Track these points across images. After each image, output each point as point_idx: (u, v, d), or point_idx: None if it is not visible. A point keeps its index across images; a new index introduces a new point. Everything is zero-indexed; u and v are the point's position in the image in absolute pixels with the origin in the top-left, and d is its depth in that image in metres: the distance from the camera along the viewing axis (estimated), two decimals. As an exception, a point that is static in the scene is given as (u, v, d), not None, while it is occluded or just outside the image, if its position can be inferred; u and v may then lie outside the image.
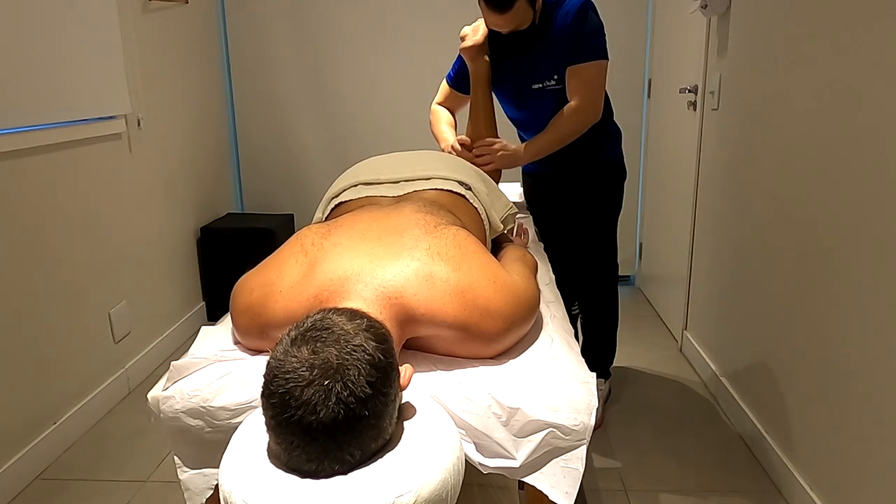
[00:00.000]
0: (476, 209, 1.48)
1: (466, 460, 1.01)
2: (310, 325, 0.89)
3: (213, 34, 3.36)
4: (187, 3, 3.02)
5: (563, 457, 1.03)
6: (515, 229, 1.80)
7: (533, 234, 2.03)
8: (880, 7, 1.42)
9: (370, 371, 0.85)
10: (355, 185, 1.51)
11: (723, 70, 2.36)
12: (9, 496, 1.90)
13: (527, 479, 1.04)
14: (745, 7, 2.17)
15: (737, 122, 2.22)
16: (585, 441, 1.03)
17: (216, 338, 1.26)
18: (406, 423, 0.95)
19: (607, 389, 2.39)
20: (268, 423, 0.85)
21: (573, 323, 2.25)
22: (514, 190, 2.55)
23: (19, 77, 1.96)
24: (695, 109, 2.66)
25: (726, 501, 1.86)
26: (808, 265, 1.73)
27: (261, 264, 1.22)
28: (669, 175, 3.07)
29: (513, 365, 1.14)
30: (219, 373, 1.11)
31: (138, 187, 2.64)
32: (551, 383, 1.08)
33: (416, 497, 0.83)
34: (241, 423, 1.03)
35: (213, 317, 3.23)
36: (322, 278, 1.10)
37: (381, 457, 0.88)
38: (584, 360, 1.20)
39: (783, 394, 1.89)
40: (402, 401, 0.98)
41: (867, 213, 1.47)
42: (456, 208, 1.42)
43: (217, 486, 1.13)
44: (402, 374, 0.94)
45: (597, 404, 1.06)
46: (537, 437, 1.02)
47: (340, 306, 0.99)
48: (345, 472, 0.85)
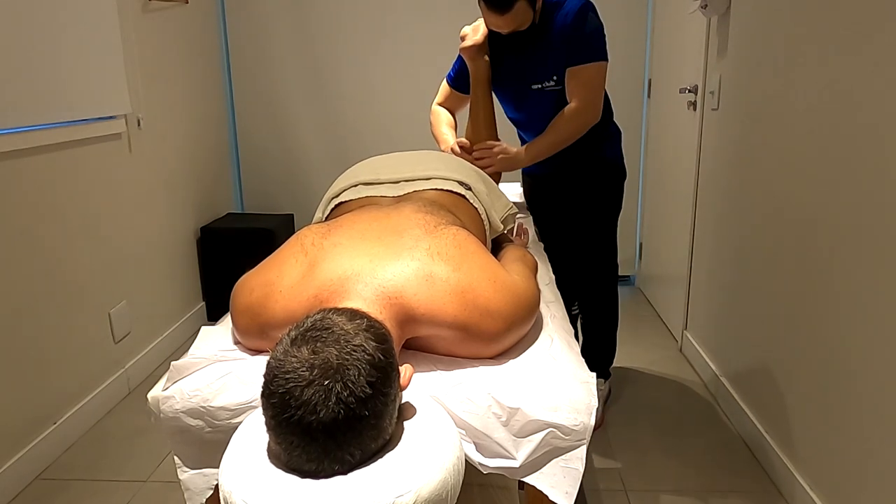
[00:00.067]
0: (476, 209, 1.48)
1: (466, 460, 1.01)
2: (310, 325, 0.89)
3: (213, 34, 3.36)
4: (187, 3, 3.02)
5: (563, 457, 1.03)
6: (515, 229, 1.80)
7: (533, 234, 2.03)
8: (880, 7, 1.42)
9: (370, 371, 0.85)
10: (355, 186, 1.51)
11: (723, 70, 2.36)
12: (9, 496, 1.90)
13: (527, 479, 1.04)
14: (745, 7, 2.17)
15: (737, 122, 2.22)
16: (585, 441, 1.03)
17: (216, 338, 1.26)
18: (406, 423, 0.95)
19: (607, 389, 2.39)
20: (268, 423, 0.85)
21: (573, 323, 2.25)
22: (514, 190, 2.55)
23: (19, 77, 1.96)
24: (695, 109, 2.66)
25: (726, 502, 1.86)
26: (808, 265, 1.73)
27: (261, 264, 1.22)
28: (669, 175, 3.07)
29: (513, 365, 1.13)
30: (219, 373, 1.11)
31: (138, 187, 2.64)
32: (551, 383, 1.08)
33: (416, 497, 0.83)
34: (241, 423, 1.03)
35: (213, 317, 3.24)
36: (322, 278, 1.10)
37: (381, 457, 0.88)
38: (584, 360, 1.20)
39: (783, 394, 1.89)
40: (402, 401, 0.98)
41: (867, 213, 1.47)
42: (456, 208, 1.42)
43: (217, 486, 1.13)
44: (402, 374, 0.94)
45: (597, 404, 1.06)
46: (537, 437, 1.02)
47: (340, 306, 0.99)
48: (345, 472, 0.85)
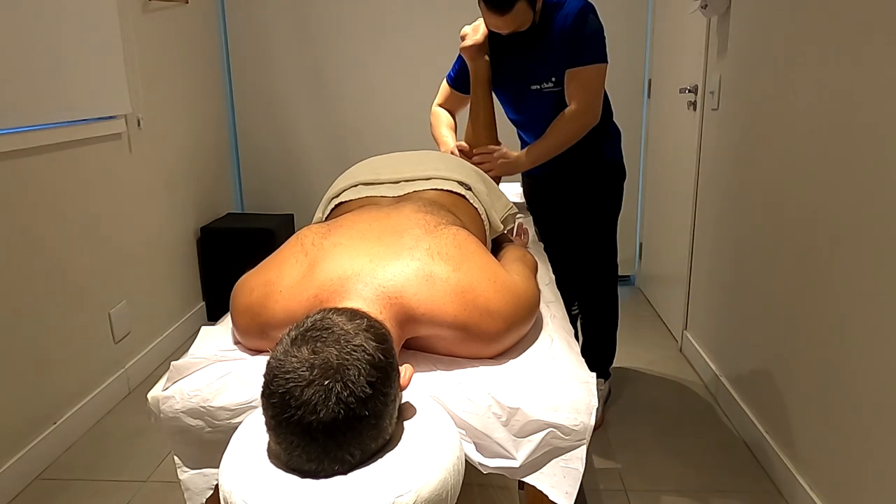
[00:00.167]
0: (476, 209, 1.48)
1: (466, 460, 1.01)
2: (310, 325, 0.89)
3: (213, 34, 3.36)
4: (187, 3, 3.02)
5: (563, 457, 1.03)
6: (515, 229, 1.80)
7: (533, 234, 2.03)
8: (880, 7, 1.42)
9: (370, 371, 0.85)
10: (355, 186, 1.51)
11: (723, 70, 2.36)
12: (9, 496, 1.90)
13: (527, 479, 1.04)
14: (745, 7, 2.17)
15: (737, 122, 2.22)
16: (585, 441, 1.03)
17: (216, 338, 1.26)
18: (406, 423, 0.95)
19: (607, 389, 2.39)
20: (268, 423, 0.85)
21: (573, 323, 2.25)
22: (514, 190, 2.55)
23: (19, 77, 1.96)
24: (695, 109, 2.66)
25: (726, 502, 1.86)
26: (808, 265, 1.73)
27: (261, 264, 1.22)
28: (669, 175, 3.07)
29: (513, 365, 1.13)
30: (219, 373, 1.11)
31: (138, 187, 2.64)
32: (551, 383, 1.08)
33: (416, 497, 0.83)
34: (241, 423, 1.03)
35: (213, 317, 3.24)
36: (322, 278, 1.10)
37: (381, 457, 0.88)
38: (584, 360, 1.20)
39: (783, 394, 1.89)
40: (402, 401, 0.98)
41: (867, 213, 1.47)
42: (456, 208, 1.42)
43: (217, 486, 1.13)
44: (402, 374, 0.94)
45: (597, 404, 1.06)
46: (537, 437, 1.02)
47: (340, 306, 0.99)
48: (345, 472, 0.85)
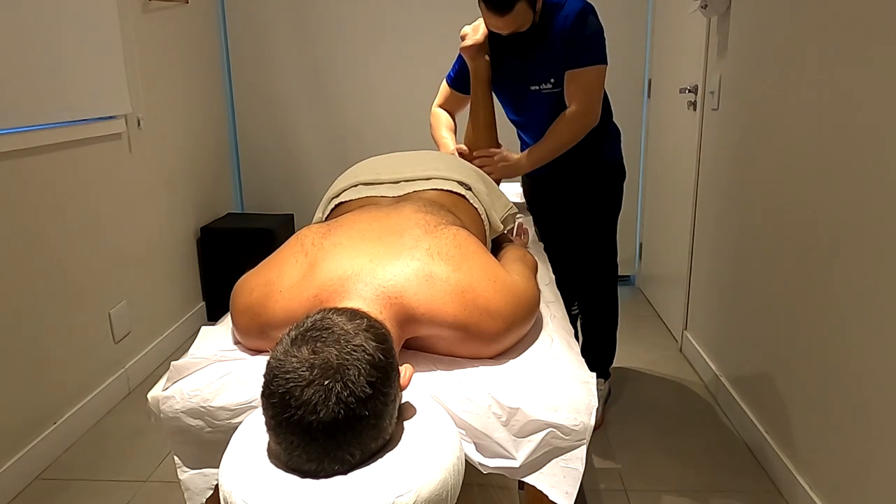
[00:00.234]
0: (476, 209, 1.48)
1: (466, 460, 1.01)
2: (310, 325, 0.89)
3: (213, 34, 3.36)
4: (187, 3, 3.02)
5: (563, 457, 1.03)
6: (515, 229, 1.80)
7: (533, 234, 2.03)
8: (880, 7, 1.42)
9: (370, 371, 0.85)
10: (355, 186, 1.51)
11: (723, 70, 2.36)
12: (9, 496, 1.90)
13: (527, 479, 1.04)
14: (745, 7, 2.17)
15: (737, 122, 2.22)
16: (585, 441, 1.03)
17: (216, 338, 1.26)
18: (406, 423, 0.95)
19: (607, 389, 2.39)
20: (268, 423, 0.85)
21: (573, 323, 2.25)
22: (514, 190, 2.55)
23: (19, 77, 1.96)
24: (695, 109, 2.66)
25: (726, 502, 1.86)
26: (808, 265, 1.73)
27: (261, 264, 1.22)
28: (669, 175, 3.07)
29: (513, 365, 1.13)
30: (219, 373, 1.11)
31: (138, 187, 2.64)
32: (551, 383, 1.08)
33: (416, 497, 0.83)
34: (241, 423, 1.03)
35: (213, 317, 3.24)
36: (322, 278, 1.10)
37: (381, 457, 0.88)
38: (584, 360, 1.20)
39: (783, 394, 1.89)
40: (402, 401, 0.98)
41: (867, 213, 1.47)
42: (456, 208, 1.42)
43: (217, 486, 1.13)
44: (402, 374, 0.94)
45: (597, 404, 1.06)
46: (537, 437, 1.02)
47: (340, 306, 0.99)
48: (345, 472, 0.85)
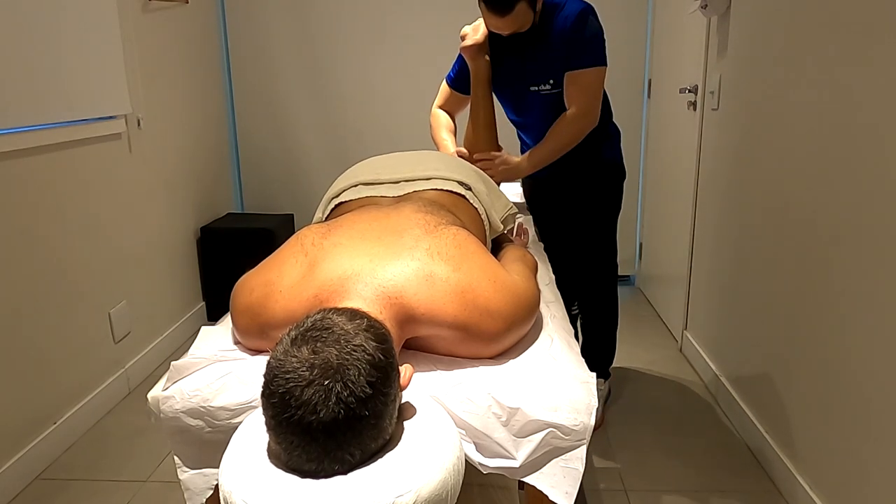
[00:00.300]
0: (476, 209, 1.48)
1: (466, 460, 1.01)
2: (310, 324, 0.89)
3: (213, 34, 3.36)
4: (187, 3, 3.02)
5: (563, 457, 1.03)
6: (515, 229, 1.80)
7: (533, 234, 2.03)
8: (880, 7, 1.42)
9: (370, 371, 0.85)
10: (355, 186, 1.51)
11: (723, 70, 2.36)
12: (9, 496, 1.90)
13: (527, 479, 1.04)
14: (745, 7, 2.17)
15: (737, 122, 2.22)
16: (585, 441, 1.03)
17: (216, 338, 1.26)
18: (406, 423, 0.95)
19: (607, 389, 2.39)
20: (268, 423, 0.85)
21: (573, 323, 2.25)
22: (514, 190, 2.55)
23: (19, 77, 1.96)
24: (695, 109, 2.66)
25: (726, 502, 1.86)
26: (808, 265, 1.73)
27: (261, 264, 1.22)
28: (669, 175, 3.07)
29: (513, 365, 1.13)
30: (219, 373, 1.11)
31: (138, 187, 2.64)
32: (551, 383, 1.08)
33: (416, 497, 0.83)
34: (241, 423, 1.03)
35: (213, 317, 3.23)
36: (322, 278, 1.10)
37: (381, 457, 0.88)
38: (584, 360, 1.20)
39: (783, 394, 1.89)
40: (402, 401, 0.98)
41: (867, 213, 1.47)
42: (456, 208, 1.42)
43: (217, 486, 1.13)
44: (402, 374, 0.94)
45: (597, 404, 1.06)
46: (537, 437, 1.02)
47: (340, 306, 0.99)
48: (345, 472, 0.85)
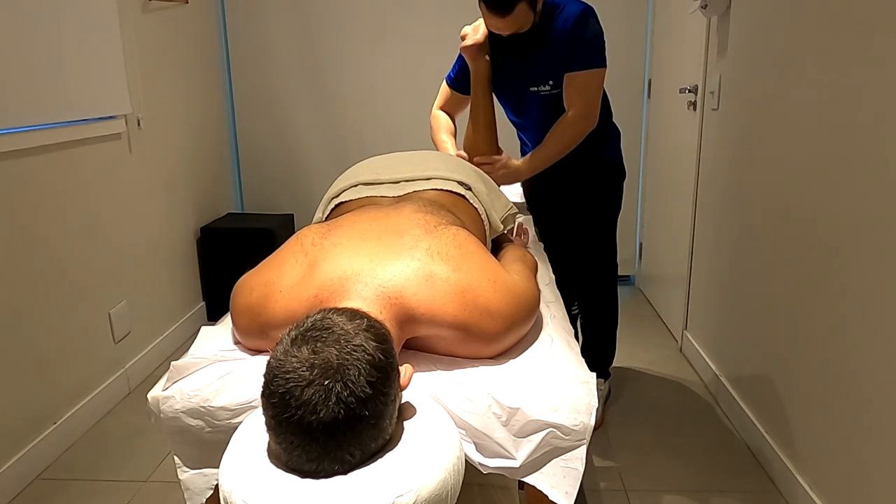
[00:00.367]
0: (476, 209, 1.48)
1: (466, 460, 1.01)
2: (310, 324, 0.89)
3: (213, 34, 3.36)
4: (187, 3, 3.02)
5: (563, 457, 1.03)
6: (515, 229, 1.80)
7: (533, 234, 2.03)
8: (880, 7, 1.42)
9: (370, 371, 0.85)
10: (355, 186, 1.51)
11: (723, 70, 2.36)
12: (9, 496, 1.90)
13: (527, 479, 1.04)
14: (745, 7, 2.17)
15: (737, 122, 2.22)
16: (585, 441, 1.03)
17: (216, 338, 1.26)
18: (406, 423, 0.95)
19: (607, 389, 2.39)
20: (268, 423, 0.85)
21: (573, 323, 2.25)
22: (514, 190, 2.55)
23: (19, 77, 1.96)
24: (695, 109, 2.66)
25: (726, 502, 1.86)
26: (808, 265, 1.73)
27: (261, 264, 1.22)
28: (669, 175, 3.07)
29: (513, 365, 1.13)
30: (219, 373, 1.11)
31: (138, 187, 2.64)
32: (551, 383, 1.08)
33: (416, 497, 0.83)
34: (241, 423, 1.03)
35: (213, 317, 3.23)
36: (322, 278, 1.10)
37: (381, 457, 0.88)
38: (584, 360, 1.20)
39: (783, 394, 1.89)
40: (402, 401, 0.98)
41: (867, 213, 1.47)
42: (456, 208, 1.42)
43: (217, 486, 1.13)
44: (402, 374, 0.94)
45: (597, 404, 1.06)
46: (537, 437, 1.02)
47: (340, 306, 0.99)
48: (345, 472, 0.85)
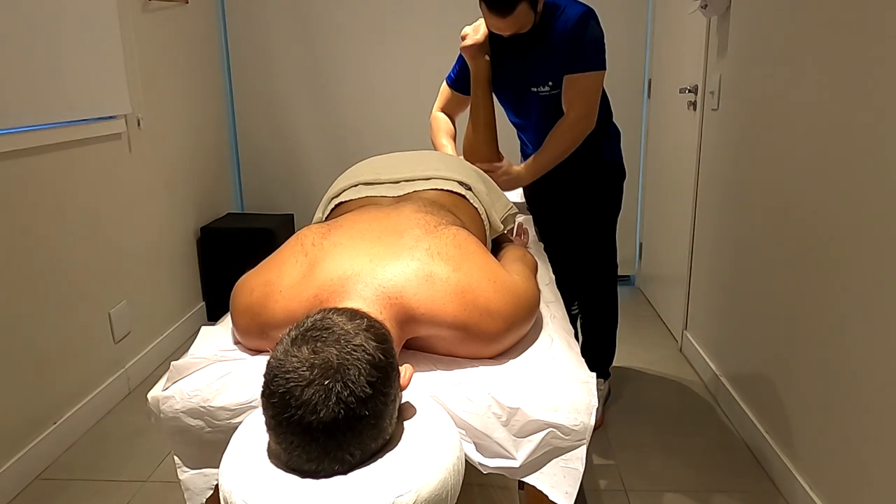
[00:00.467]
0: (476, 209, 1.48)
1: (466, 460, 1.01)
2: (310, 324, 0.89)
3: (213, 34, 3.36)
4: (187, 3, 3.02)
5: (563, 457, 1.03)
6: (515, 229, 1.80)
7: (533, 234, 2.03)
8: (880, 7, 1.42)
9: (370, 371, 0.85)
10: (355, 185, 1.51)
11: (723, 70, 2.36)
12: (9, 496, 1.90)
13: (527, 479, 1.04)
14: (745, 7, 2.17)
15: (737, 122, 2.22)
16: (585, 441, 1.03)
17: (216, 338, 1.26)
18: (406, 423, 0.95)
19: (607, 389, 2.39)
20: (268, 423, 0.85)
21: (573, 323, 2.25)
22: (514, 190, 2.55)
23: (19, 77, 1.96)
24: (695, 109, 2.66)
25: (726, 501, 1.86)
26: (808, 265, 1.73)
27: (261, 264, 1.22)
28: (669, 175, 3.07)
29: (513, 365, 1.14)
30: (219, 373, 1.11)
31: (138, 187, 2.64)
32: (551, 383, 1.08)
33: (416, 497, 0.83)
34: (241, 423, 1.03)
35: (213, 317, 3.23)
36: (322, 278, 1.10)
37: (381, 457, 0.88)
38: (584, 360, 1.20)
39: (783, 394, 1.89)
40: (402, 401, 0.98)
41: (867, 213, 1.47)
42: (456, 208, 1.42)
43: (217, 486, 1.13)
44: (402, 374, 0.94)
45: (597, 404, 1.06)
46: (537, 437, 1.02)
47: (340, 306, 0.99)
48: (345, 472, 0.85)
